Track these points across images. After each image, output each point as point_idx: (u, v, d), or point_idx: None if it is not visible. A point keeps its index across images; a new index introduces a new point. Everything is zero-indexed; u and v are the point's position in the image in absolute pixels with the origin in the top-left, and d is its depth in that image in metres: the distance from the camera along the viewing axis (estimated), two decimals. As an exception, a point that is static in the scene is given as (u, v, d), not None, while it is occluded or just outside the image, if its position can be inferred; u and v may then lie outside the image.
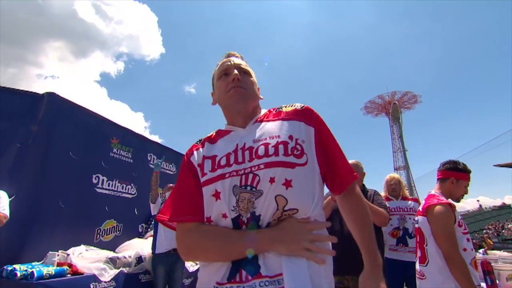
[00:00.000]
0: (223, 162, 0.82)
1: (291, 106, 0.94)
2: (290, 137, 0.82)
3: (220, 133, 0.96)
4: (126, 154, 4.07)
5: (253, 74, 1.00)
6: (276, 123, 0.87)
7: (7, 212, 2.37)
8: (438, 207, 1.91)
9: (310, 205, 0.79)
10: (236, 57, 1.01)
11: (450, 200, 1.97)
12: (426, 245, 1.95)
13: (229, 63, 0.96)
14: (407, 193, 3.37)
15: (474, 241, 9.76)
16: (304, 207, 0.77)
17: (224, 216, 0.78)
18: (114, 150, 3.88)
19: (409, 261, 2.84)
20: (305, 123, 0.87)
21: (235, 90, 0.91)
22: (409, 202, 3.16)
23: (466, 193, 2.06)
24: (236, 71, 0.93)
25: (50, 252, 2.49)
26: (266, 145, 0.80)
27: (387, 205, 2.54)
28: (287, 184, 0.75)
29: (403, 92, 58.91)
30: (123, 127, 4.12)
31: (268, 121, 0.90)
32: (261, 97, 1.01)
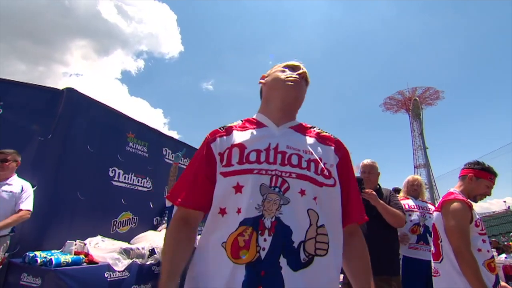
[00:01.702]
0: (252, 157, 0.80)
1: (326, 132, 0.96)
2: (321, 159, 0.83)
3: (252, 123, 0.94)
4: (141, 148, 4.16)
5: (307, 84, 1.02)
6: (311, 140, 0.89)
7: (29, 206, 2.50)
8: (454, 203, 1.87)
9: (337, 224, 0.81)
10: (303, 67, 1.02)
11: (467, 199, 1.91)
12: (441, 241, 1.90)
13: (299, 64, 0.99)
14: (425, 197, 3.31)
15: (501, 244, 9.29)
16: (332, 225, 0.78)
17: (239, 211, 0.74)
18: (130, 144, 3.97)
19: (431, 261, 2.78)
20: (334, 151, 0.89)
21: (296, 81, 0.93)
22: (428, 204, 3.10)
23: (488, 194, 1.98)
24: (304, 70, 0.97)
25: (68, 241, 2.60)
26: (300, 157, 0.81)
27: (403, 206, 2.50)
28: (316, 200, 0.77)
29: (424, 88, 56.84)
30: (139, 121, 4.21)
31: (303, 134, 0.91)
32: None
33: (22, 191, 2.52)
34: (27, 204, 2.50)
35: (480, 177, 1.96)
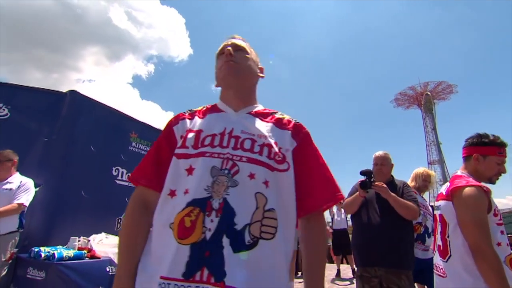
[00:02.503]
0: (207, 141, 0.82)
1: (287, 116, 0.95)
2: (276, 143, 0.83)
3: (213, 109, 0.96)
4: (144, 148, 4.26)
5: (251, 52, 1.00)
6: (268, 125, 0.89)
7: (21, 200, 2.59)
8: (467, 189, 1.54)
9: (288, 208, 0.81)
10: (236, 38, 1.00)
11: (482, 183, 1.60)
12: (448, 236, 1.61)
13: (225, 43, 0.98)
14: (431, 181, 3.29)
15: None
16: (282, 209, 0.78)
17: (186, 192, 0.75)
18: (133, 144, 4.07)
19: (422, 258, 2.79)
20: (291, 136, 0.88)
21: (226, 64, 0.92)
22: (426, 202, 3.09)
23: (502, 171, 1.66)
24: (229, 47, 0.94)
25: (72, 237, 2.71)
26: (253, 141, 0.82)
27: (417, 198, 2.46)
28: (266, 184, 0.77)
29: (436, 82, 55.49)
30: (142, 122, 4.31)
31: (261, 119, 0.91)
32: (261, 75, 1.02)
33: (19, 187, 2.62)
34: (20, 198, 2.59)
35: (487, 155, 1.66)
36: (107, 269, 2.50)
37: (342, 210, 7.08)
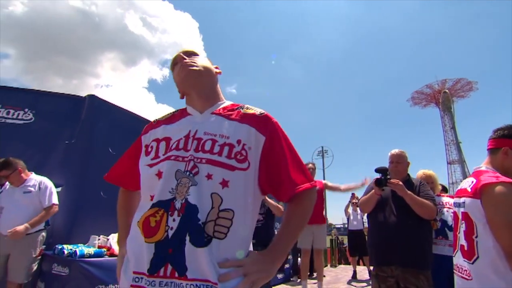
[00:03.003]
0: (174, 146, 0.85)
1: (251, 109, 0.94)
2: (238, 141, 0.84)
3: (180, 114, 0.98)
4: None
5: (202, 55, 1.02)
6: (231, 123, 0.89)
7: (54, 200, 2.74)
8: (499, 187, 1.40)
9: (246, 208, 0.82)
10: (183, 49, 1.04)
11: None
12: (476, 237, 1.49)
13: (178, 53, 1.01)
14: (438, 190, 3.19)
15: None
16: (240, 209, 0.80)
17: (152, 196, 0.80)
18: (149, 146, 4.20)
19: (451, 256, 2.67)
20: (257, 130, 0.87)
21: (183, 66, 0.95)
22: (444, 198, 2.97)
23: None
24: (180, 54, 0.98)
25: (92, 235, 2.81)
26: (214, 142, 0.83)
27: (435, 197, 2.41)
28: (224, 184, 0.78)
29: (455, 80, 53.77)
30: (157, 124, 4.43)
31: (225, 117, 0.91)
32: (218, 71, 1.04)
33: (40, 188, 2.72)
34: (51, 198, 2.72)
35: None
36: (126, 266, 2.59)
37: (358, 210, 6.98)
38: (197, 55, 1.00)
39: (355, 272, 6.47)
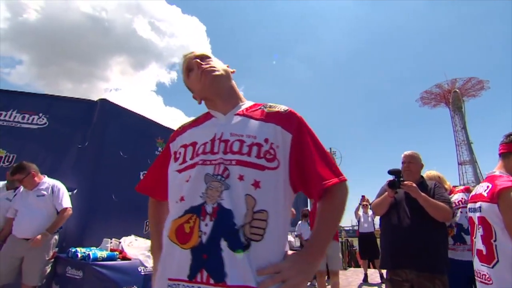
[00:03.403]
0: (200, 150, 0.84)
1: (275, 107, 0.93)
2: (266, 140, 0.82)
3: (204, 118, 0.97)
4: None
5: (212, 56, 1.01)
6: (256, 122, 0.88)
7: (67, 204, 2.77)
8: None
9: (279, 207, 0.80)
10: (191, 52, 1.02)
11: None
12: (495, 240, 1.53)
13: (185, 59, 1.00)
14: (447, 187, 3.09)
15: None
16: (273, 209, 0.78)
17: (181, 199, 0.79)
18: (159, 149, 4.21)
19: (471, 261, 2.59)
20: (283, 128, 0.86)
21: (204, 73, 0.93)
22: (456, 195, 2.86)
23: None
24: (193, 60, 0.96)
25: (104, 239, 2.84)
26: (242, 142, 0.82)
27: (450, 199, 2.35)
28: (256, 184, 0.77)
29: (465, 79, 52.89)
30: (167, 127, 4.46)
31: (249, 117, 0.90)
32: (232, 70, 1.03)
33: (53, 191, 2.76)
34: (65, 202, 2.76)
35: None
36: (139, 269, 2.59)
37: (369, 213, 6.89)
38: (210, 58, 0.99)
39: (366, 276, 6.38)
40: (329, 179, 0.84)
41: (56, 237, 2.75)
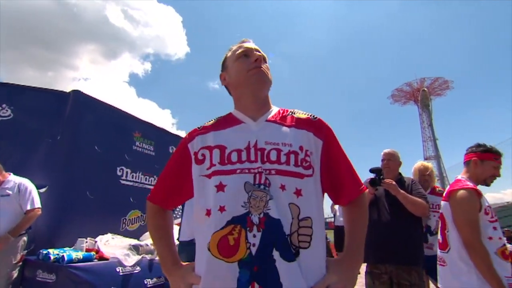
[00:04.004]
0: (234, 157, 0.81)
1: (304, 114, 0.94)
2: (301, 148, 0.83)
3: (229, 121, 0.93)
4: (148, 147, 4.23)
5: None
6: (289, 129, 0.88)
7: (36, 204, 2.60)
8: (461, 192, 1.81)
9: (319, 212, 0.82)
10: (251, 43, 1.00)
11: (476, 186, 1.85)
12: (448, 231, 1.88)
13: (250, 45, 0.96)
14: (435, 184, 3.27)
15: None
16: (314, 215, 0.80)
17: (221, 209, 0.76)
18: (137, 143, 4.04)
19: (426, 255, 2.81)
20: (314, 135, 0.88)
21: (258, 71, 0.91)
22: (433, 197, 3.06)
23: (497, 175, 1.91)
24: (259, 53, 0.94)
25: (79, 238, 2.69)
26: (279, 151, 0.81)
27: (426, 195, 2.48)
28: (298, 193, 0.77)
29: (433, 78, 55.78)
30: (145, 121, 4.28)
31: (281, 124, 0.89)
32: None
33: (20, 190, 2.57)
34: (33, 202, 2.58)
35: (484, 159, 1.91)
36: (117, 270, 2.49)
37: (344, 207, 7.11)
38: (267, 62, 0.98)
39: (341, 267, 6.62)
40: (360, 188, 0.92)
41: (25, 238, 2.56)
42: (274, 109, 0.96)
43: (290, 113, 0.94)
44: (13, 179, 2.61)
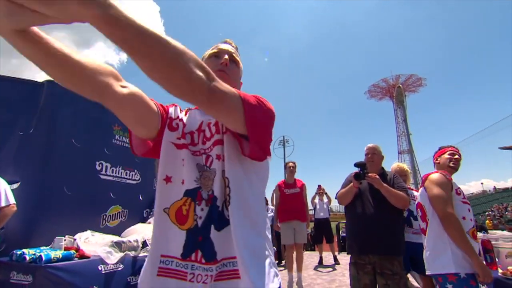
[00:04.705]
0: (187, 138, 0.90)
1: None
2: None
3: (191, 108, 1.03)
4: (128, 141, 4.08)
5: (241, 66, 1.04)
6: None
7: (9, 200, 2.45)
8: (433, 175, 2.09)
9: (247, 171, 0.88)
10: (232, 46, 1.05)
11: (446, 172, 2.12)
12: (428, 218, 2.06)
13: (223, 47, 1.00)
14: (410, 183, 3.44)
15: (479, 223, 9.79)
16: (233, 174, 0.85)
17: (183, 182, 0.84)
18: (117, 137, 3.88)
19: (414, 242, 2.92)
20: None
21: (219, 74, 0.91)
22: (413, 191, 3.23)
23: (456, 158, 2.18)
24: (227, 56, 0.97)
25: (57, 237, 2.55)
26: (209, 124, 0.90)
27: (407, 188, 2.60)
28: (219, 158, 0.85)
29: (407, 75, 58.04)
30: (124, 114, 4.11)
31: None
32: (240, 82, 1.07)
33: None
34: (6, 198, 2.43)
35: (440, 155, 2.26)
36: (100, 268, 2.39)
37: (324, 200, 7.29)
38: (239, 66, 1.03)
39: (321, 258, 6.80)
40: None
41: None
42: None
43: None
44: None
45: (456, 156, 2.19)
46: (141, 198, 4.18)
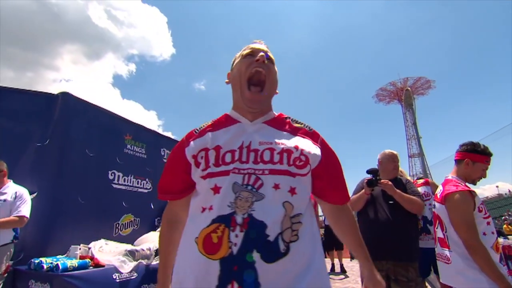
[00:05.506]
0: (227, 158, 0.83)
1: (300, 123, 0.97)
2: (296, 147, 0.85)
3: (225, 120, 0.95)
4: (139, 150, 4.15)
5: (276, 69, 1.01)
6: (284, 133, 0.90)
7: (23, 212, 2.50)
8: (456, 196, 1.84)
9: (308, 207, 0.85)
10: (263, 45, 1.01)
11: (468, 185, 1.89)
12: (446, 232, 1.91)
13: (256, 46, 0.97)
14: (404, 174, 3.29)
15: (496, 228, 9.51)
16: (306, 210, 0.83)
17: (210, 208, 0.78)
18: (128, 146, 3.96)
19: (433, 248, 2.85)
20: (312, 141, 0.92)
21: (257, 72, 0.92)
22: (419, 188, 3.11)
23: (484, 176, 1.96)
24: (262, 53, 0.93)
25: (72, 246, 2.60)
26: (272, 150, 0.82)
27: (421, 192, 2.54)
28: (292, 191, 0.79)
29: (416, 78, 57.39)
30: (136, 123, 4.19)
31: (277, 128, 0.92)
32: (277, 91, 1.02)
33: (15, 198, 2.50)
34: (21, 210, 2.49)
35: (476, 161, 1.93)
36: (114, 277, 2.42)
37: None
38: (274, 64, 0.99)
39: (333, 265, 6.68)
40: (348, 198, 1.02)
41: (11, 249, 2.45)
42: (273, 113, 0.98)
43: (288, 118, 0.97)
44: (12, 186, 2.56)
45: (487, 172, 1.98)
46: (152, 206, 4.22)
